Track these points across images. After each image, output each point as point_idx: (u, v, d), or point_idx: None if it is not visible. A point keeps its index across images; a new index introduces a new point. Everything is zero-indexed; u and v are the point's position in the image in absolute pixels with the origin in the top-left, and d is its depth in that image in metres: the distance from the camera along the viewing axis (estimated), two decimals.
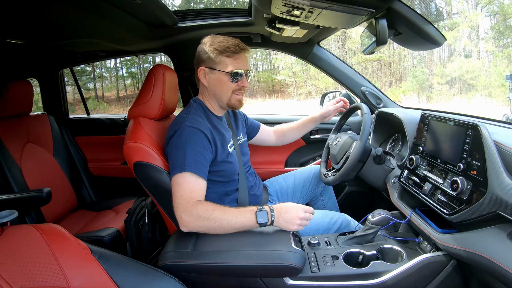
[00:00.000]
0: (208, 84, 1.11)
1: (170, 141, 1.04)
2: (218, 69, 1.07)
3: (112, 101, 17.62)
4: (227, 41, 1.07)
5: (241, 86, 1.11)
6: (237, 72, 1.07)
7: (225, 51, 1.05)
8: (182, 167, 0.96)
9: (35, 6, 1.03)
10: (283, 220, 0.94)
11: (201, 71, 1.10)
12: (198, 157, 0.99)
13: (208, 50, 1.07)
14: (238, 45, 1.06)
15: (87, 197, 1.94)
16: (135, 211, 1.29)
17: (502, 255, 0.69)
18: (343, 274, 0.89)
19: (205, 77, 1.10)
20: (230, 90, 1.09)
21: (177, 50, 1.83)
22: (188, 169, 0.96)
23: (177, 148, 1.00)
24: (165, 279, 0.78)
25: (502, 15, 13.16)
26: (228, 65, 1.06)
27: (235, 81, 1.08)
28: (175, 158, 0.99)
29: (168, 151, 1.04)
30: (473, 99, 12.12)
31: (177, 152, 0.99)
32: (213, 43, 1.07)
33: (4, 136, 1.57)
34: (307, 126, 1.51)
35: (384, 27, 1.00)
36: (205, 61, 1.08)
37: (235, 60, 1.07)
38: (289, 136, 1.53)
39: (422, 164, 1.04)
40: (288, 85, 17.18)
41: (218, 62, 1.07)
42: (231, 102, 1.12)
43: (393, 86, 14.91)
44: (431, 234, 0.89)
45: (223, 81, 1.08)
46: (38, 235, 0.69)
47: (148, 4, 1.18)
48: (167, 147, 1.06)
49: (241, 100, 1.14)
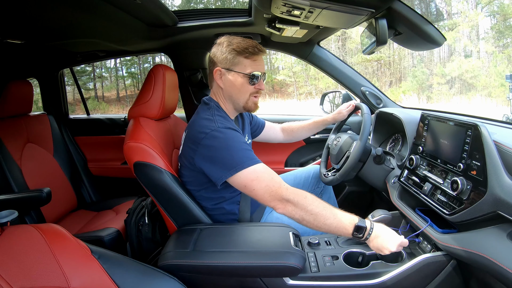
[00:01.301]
0: (224, 86, 1.07)
1: (202, 145, 0.96)
2: (236, 70, 1.04)
3: (112, 101, 17.62)
4: (245, 42, 1.04)
5: (258, 89, 1.08)
6: (255, 75, 1.04)
7: (244, 52, 1.02)
8: (242, 164, 0.93)
9: (35, 6, 1.02)
10: (377, 243, 0.90)
11: (217, 72, 1.06)
12: (248, 149, 0.97)
13: (225, 50, 1.03)
14: (256, 47, 1.03)
15: (87, 197, 1.94)
16: (135, 211, 1.29)
17: (502, 255, 0.69)
18: (343, 274, 0.89)
19: (221, 78, 1.06)
20: (248, 93, 1.06)
21: (177, 50, 1.83)
22: (250, 163, 0.93)
23: (223, 150, 0.94)
24: (165, 279, 0.78)
25: (502, 15, 13.16)
26: (246, 67, 1.03)
27: (252, 83, 1.05)
28: (226, 160, 0.94)
29: (203, 156, 0.97)
30: (473, 99, 12.12)
31: (225, 153, 0.94)
32: (231, 44, 1.04)
33: (4, 136, 1.57)
34: (318, 127, 1.50)
35: (384, 27, 1.00)
36: (222, 61, 1.04)
37: (254, 61, 1.04)
38: (298, 134, 1.53)
39: (422, 164, 1.04)
40: (288, 85, 17.17)
41: (236, 63, 1.03)
42: (247, 105, 1.09)
43: (393, 86, 14.91)
44: (431, 234, 0.89)
45: (241, 83, 1.04)
46: (38, 235, 0.69)
47: (148, 4, 1.18)
48: (197, 152, 0.98)
49: (257, 103, 1.11)
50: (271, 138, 1.50)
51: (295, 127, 1.52)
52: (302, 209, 0.90)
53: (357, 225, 0.89)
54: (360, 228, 0.89)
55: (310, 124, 1.50)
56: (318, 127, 1.50)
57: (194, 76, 1.85)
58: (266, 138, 1.49)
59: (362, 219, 0.92)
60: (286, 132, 1.53)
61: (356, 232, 0.90)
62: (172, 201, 1.04)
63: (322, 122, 1.49)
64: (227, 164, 0.94)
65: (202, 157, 0.98)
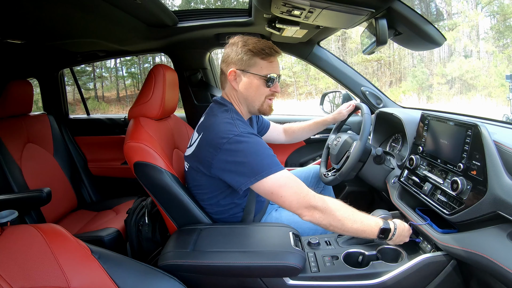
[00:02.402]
0: (240, 88, 1.02)
1: (225, 150, 0.91)
2: (252, 72, 1.00)
3: (112, 101, 17.63)
4: (262, 42, 1.00)
5: (274, 91, 1.05)
6: (271, 77, 1.01)
7: (260, 53, 0.98)
8: (268, 170, 0.89)
9: (35, 6, 1.02)
10: (397, 240, 0.95)
11: (231, 74, 1.01)
12: (272, 155, 0.94)
13: (240, 51, 0.99)
14: (273, 48, 1.00)
15: (87, 197, 1.94)
16: (135, 211, 1.29)
17: (502, 255, 0.69)
18: (343, 274, 0.89)
19: (236, 80, 1.02)
20: (263, 95, 1.03)
21: (177, 50, 1.83)
22: (276, 169, 0.90)
23: (248, 155, 0.90)
24: (165, 279, 0.78)
25: (502, 15, 13.16)
26: (263, 68, 1.00)
27: (268, 86, 1.02)
28: (251, 164, 0.90)
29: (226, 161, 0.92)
30: (473, 99, 12.12)
31: (250, 157, 0.90)
32: (246, 44, 0.99)
33: (4, 136, 1.57)
34: (318, 127, 1.50)
35: (384, 27, 1.00)
36: (237, 62, 1.00)
37: (270, 63, 1.01)
38: (299, 135, 1.53)
39: (422, 164, 1.04)
40: (288, 85, 17.17)
41: (252, 64, 0.99)
42: (263, 108, 1.05)
43: (393, 86, 14.91)
44: (431, 234, 0.89)
45: (257, 85, 1.01)
46: (38, 235, 0.69)
47: (148, 4, 1.18)
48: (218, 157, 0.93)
49: (272, 106, 1.08)
50: (274, 139, 1.50)
51: (296, 128, 1.52)
52: (329, 215, 0.91)
53: (383, 228, 0.93)
54: (386, 231, 0.93)
55: (311, 124, 1.50)
56: (319, 127, 1.50)
57: (194, 76, 1.85)
58: (270, 139, 1.48)
59: (385, 221, 0.95)
60: (287, 133, 1.53)
61: (381, 235, 0.93)
62: (172, 201, 1.04)
63: (322, 123, 1.49)
64: (253, 169, 0.90)
65: (223, 162, 0.93)
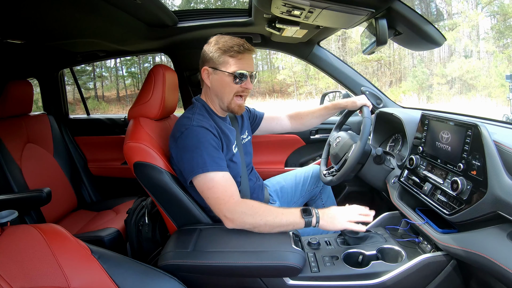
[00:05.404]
0: (211, 85, 1.08)
1: (178, 143, 1.00)
2: (221, 69, 1.04)
3: (112, 101, 17.63)
4: (232, 40, 1.03)
5: (245, 88, 1.06)
6: (241, 73, 1.03)
7: (229, 50, 1.02)
8: (203, 168, 0.94)
9: (35, 6, 1.02)
10: (328, 217, 0.95)
11: (204, 71, 1.07)
12: (214, 153, 0.97)
13: (212, 49, 1.04)
14: (242, 45, 1.03)
15: (87, 197, 1.94)
16: (135, 211, 1.29)
17: (502, 255, 0.69)
18: (343, 274, 0.89)
19: (208, 78, 1.08)
20: (232, 92, 1.06)
21: (177, 50, 1.83)
22: (210, 168, 0.94)
23: (191, 150, 0.97)
24: (165, 279, 0.78)
25: (502, 15, 13.16)
26: (231, 65, 1.03)
27: (238, 82, 1.04)
28: (191, 160, 0.96)
29: (178, 153, 1.01)
30: (473, 99, 12.12)
31: (192, 153, 0.96)
32: (217, 43, 1.04)
33: (4, 136, 1.57)
34: (329, 112, 1.40)
35: (384, 27, 1.00)
36: (209, 61, 1.05)
37: (239, 60, 1.03)
38: (307, 122, 1.44)
39: (422, 164, 1.04)
40: (288, 85, 17.18)
41: (221, 62, 1.03)
42: (231, 106, 1.08)
43: (393, 86, 14.92)
44: (431, 234, 0.89)
45: (226, 82, 1.04)
46: (38, 235, 0.69)
47: (148, 4, 1.18)
48: (175, 149, 1.02)
49: (242, 105, 1.10)
50: (275, 129, 1.44)
51: (304, 113, 1.43)
52: (252, 217, 0.93)
53: (303, 209, 0.95)
54: (306, 211, 0.95)
55: (321, 109, 1.41)
56: (330, 112, 1.41)
57: (194, 76, 1.85)
58: (269, 130, 1.44)
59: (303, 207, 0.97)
60: (294, 120, 1.45)
61: (304, 214, 0.94)
62: (172, 201, 1.04)
63: (333, 107, 1.39)
64: (192, 164, 0.96)
65: (177, 155, 1.01)
